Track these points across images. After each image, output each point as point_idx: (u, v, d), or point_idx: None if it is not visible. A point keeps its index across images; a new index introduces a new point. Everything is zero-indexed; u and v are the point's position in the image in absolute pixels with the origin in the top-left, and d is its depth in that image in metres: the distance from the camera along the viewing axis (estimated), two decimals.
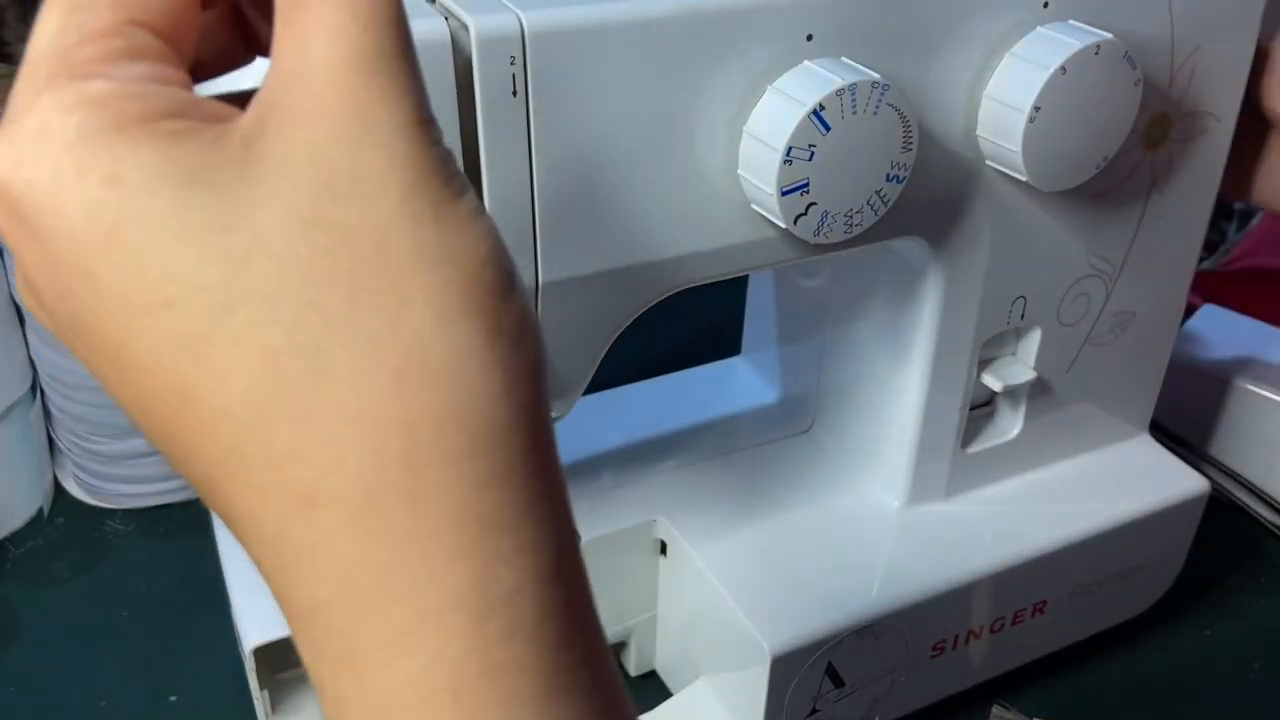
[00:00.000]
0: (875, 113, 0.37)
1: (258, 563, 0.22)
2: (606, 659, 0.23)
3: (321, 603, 0.21)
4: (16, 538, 0.62)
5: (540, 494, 0.21)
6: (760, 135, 0.37)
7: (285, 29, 0.21)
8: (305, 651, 0.22)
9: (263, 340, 0.20)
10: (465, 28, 0.33)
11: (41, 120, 0.21)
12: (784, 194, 0.37)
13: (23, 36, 0.90)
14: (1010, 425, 0.53)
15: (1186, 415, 0.66)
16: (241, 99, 0.22)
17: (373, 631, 0.20)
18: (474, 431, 0.20)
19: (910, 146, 0.39)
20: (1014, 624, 0.52)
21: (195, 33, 0.23)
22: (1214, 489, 0.56)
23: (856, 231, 0.39)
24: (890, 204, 0.39)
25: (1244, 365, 0.65)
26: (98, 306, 0.20)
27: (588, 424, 0.55)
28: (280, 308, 0.20)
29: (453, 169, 0.22)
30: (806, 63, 0.37)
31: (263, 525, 0.21)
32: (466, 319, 0.21)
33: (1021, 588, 0.51)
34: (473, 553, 0.20)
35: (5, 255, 0.59)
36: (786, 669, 0.46)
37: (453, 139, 0.34)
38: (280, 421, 0.20)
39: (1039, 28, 0.41)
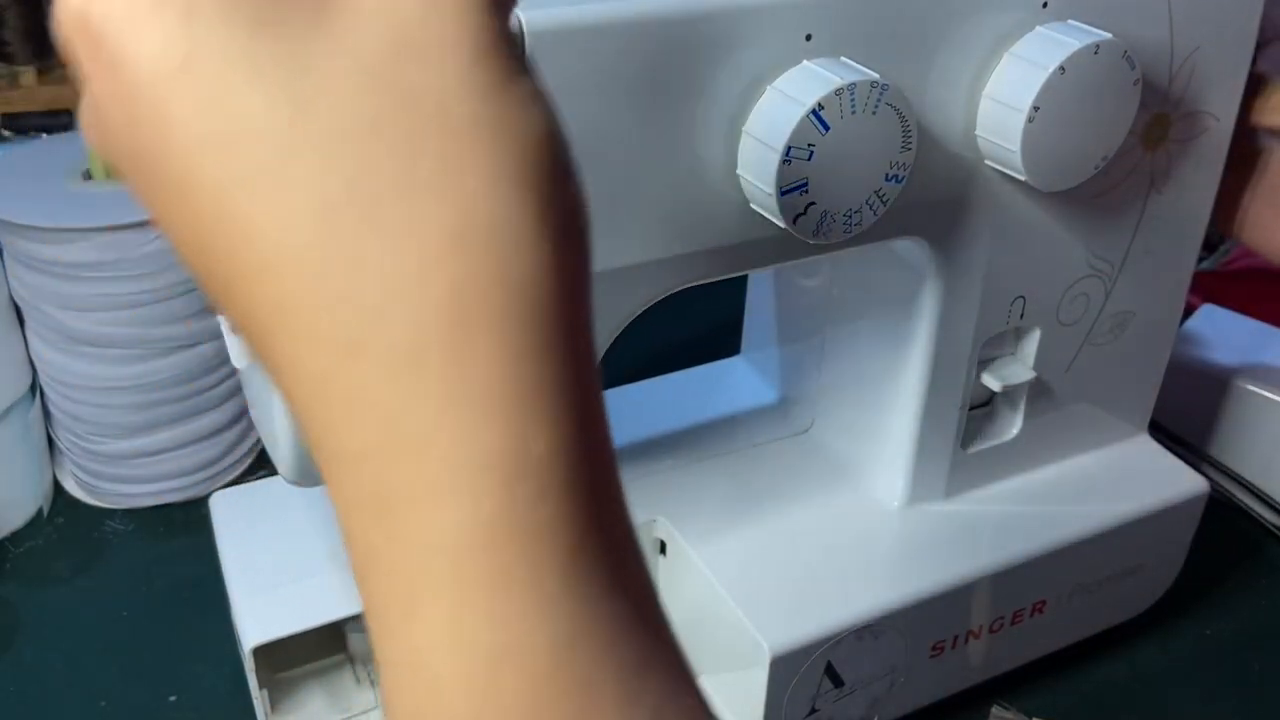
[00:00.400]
0: (874, 112, 0.37)
1: (298, 412, 0.22)
2: (631, 540, 0.23)
3: (359, 451, 0.21)
4: (16, 538, 0.62)
5: (575, 379, 0.22)
6: (759, 135, 0.37)
7: None
8: (339, 502, 0.22)
9: (322, 187, 0.20)
10: None
11: None
12: (783, 194, 0.37)
13: (23, 36, 0.90)
14: (1009, 425, 0.53)
15: (1186, 415, 0.66)
16: None
17: (408, 483, 0.21)
18: (519, 301, 0.21)
19: (909, 146, 0.39)
20: (1014, 624, 0.52)
21: None
22: (1213, 489, 0.56)
23: (856, 231, 0.39)
24: (889, 204, 0.40)
25: (1243, 365, 0.65)
26: (163, 139, 0.21)
27: None
28: (341, 159, 0.20)
29: (517, 50, 0.22)
30: (806, 62, 0.37)
31: (308, 371, 0.21)
32: (520, 192, 0.21)
33: (1021, 588, 0.51)
34: (509, 417, 0.21)
35: (4, 255, 0.59)
36: (786, 669, 0.46)
37: None
38: (332, 268, 0.20)
39: (1038, 27, 0.41)
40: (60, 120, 0.89)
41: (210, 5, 0.21)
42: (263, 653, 0.46)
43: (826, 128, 0.36)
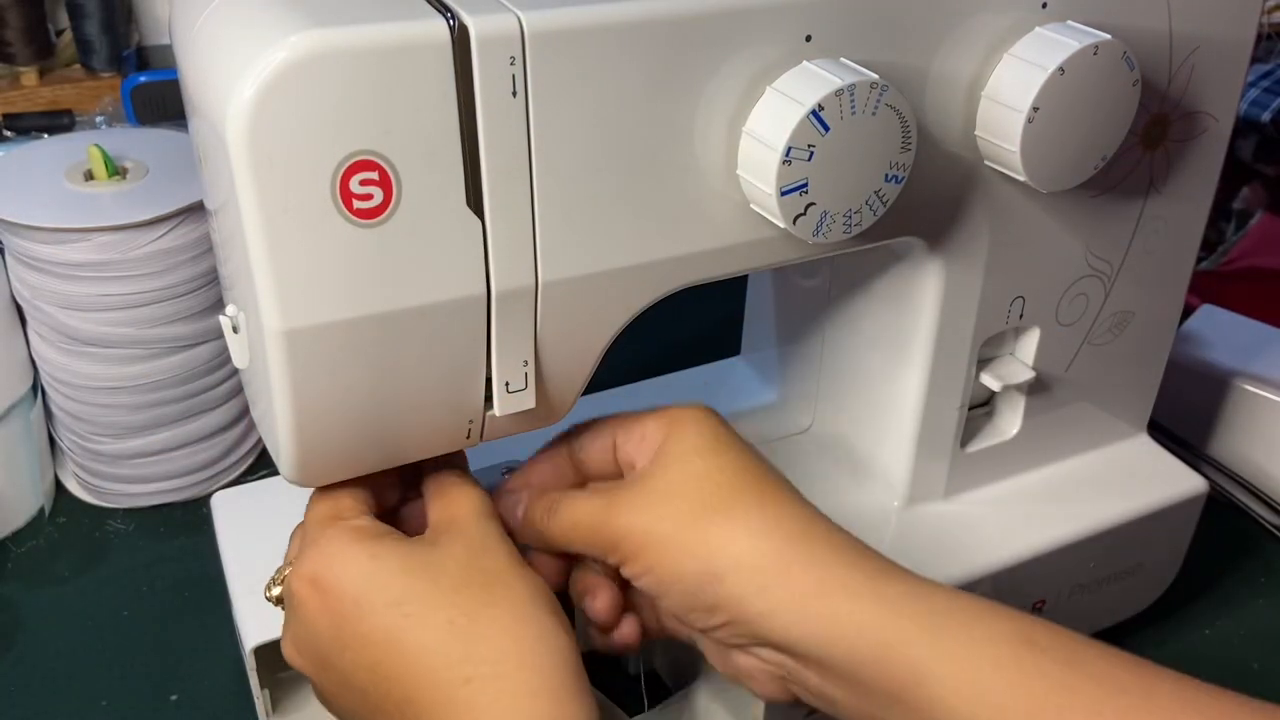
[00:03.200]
0: (874, 113, 0.37)
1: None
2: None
3: None
4: (17, 537, 0.62)
5: None
6: (759, 135, 0.37)
7: (436, 499, 0.41)
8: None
9: (448, 613, 0.37)
10: (465, 28, 0.33)
11: (336, 539, 0.39)
12: (783, 194, 0.37)
13: (24, 36, 0.90)
14: (1009, 425, 0.53)
15: (1185, 415, 0.66)
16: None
17: None
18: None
19: (909, 147, 0.39)
20: None
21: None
22: (1212, 489, 0.56)
23: (855, 231, 0.39)
24: (889, 204, 0.40)
25: (1242, 365, 0.65)
26: (359, 620, 0.37)
27: None
28: (458, 599, 0.37)
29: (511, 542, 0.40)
30: (806, 63, 0.37)
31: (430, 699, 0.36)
32: (538, 589, 0.39)
33: (1021, 588, 0.51)
34: None
35: (5, 255, 0.59)
36: None
37: (453, 139, 0.34)
38: (456, 649, 0.36)
39: (1037, 28, 0.41)
40: (60, 120, 0.89)
41: (383, 552, 0.38)
42: (263, 653, 0.46)
43: (826, 128, 0.36)
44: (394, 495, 0.44)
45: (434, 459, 0.42)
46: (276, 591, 0.42)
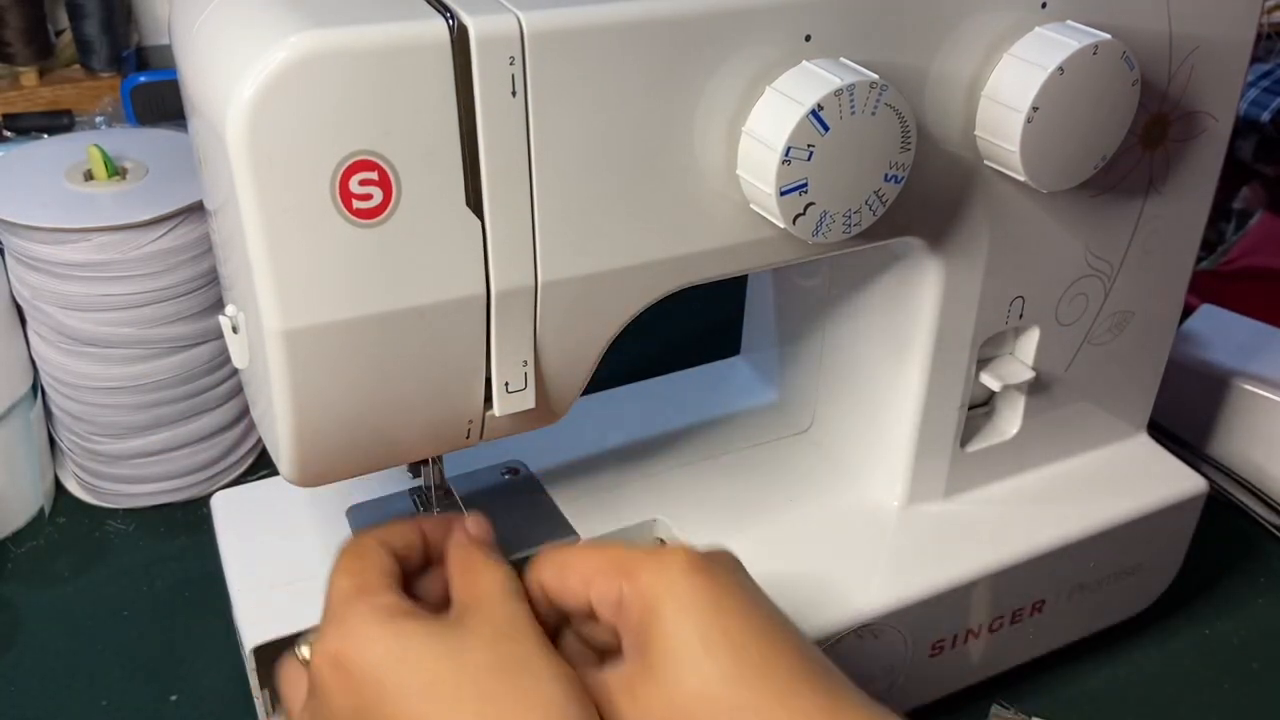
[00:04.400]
0: (874, 113, 0.37)
1: None
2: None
3: None
4: (17, 537, 0.62)
5: None
6: (759, 135, 0.37)
7: (460, 574, 0.40)
8: None
9: (477, 698, 0.35)
10: (465, 28, 0.33)
11: (362, 617, 0.37)
12: (783, 194, 0.37)
13: (24, 37, 0.90)
14: (1009, 425, 0.53)
15: (1185, 415, 0.66)
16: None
17: None
18: None
19: (909, 147, 0.39)
20: (1013, 623, 0.52)
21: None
22: (1212, 489, 0.56)
23: (855, 231, 0.39)
24: (889, 204, 0.40)
25: (1242, 365, 0.65)
26: (380, 699, 0.36)
27: (588, 424, 0.55)
28: (481, 684, 0.36)
29: (538, 627, 0.38)
30: (805, 63, 0.37)
31: None
32: (560, 683, 0.37)
33: (1020, 587, 0.51)
34: None
35: (4, 255, 0.59)
36: None
37: (452, 139, 0.34)
38: None
39: (1037, 28, 0.41)
40: (60, 120, 0.89)
41: (409, 633, 0.37)
42: (263, 652, 0.46)
43: (826, 128, 0.36)
44: (418, 560, 0.42)
45: (460, 525, 0.41)
46: (305, 652, 0.40)
